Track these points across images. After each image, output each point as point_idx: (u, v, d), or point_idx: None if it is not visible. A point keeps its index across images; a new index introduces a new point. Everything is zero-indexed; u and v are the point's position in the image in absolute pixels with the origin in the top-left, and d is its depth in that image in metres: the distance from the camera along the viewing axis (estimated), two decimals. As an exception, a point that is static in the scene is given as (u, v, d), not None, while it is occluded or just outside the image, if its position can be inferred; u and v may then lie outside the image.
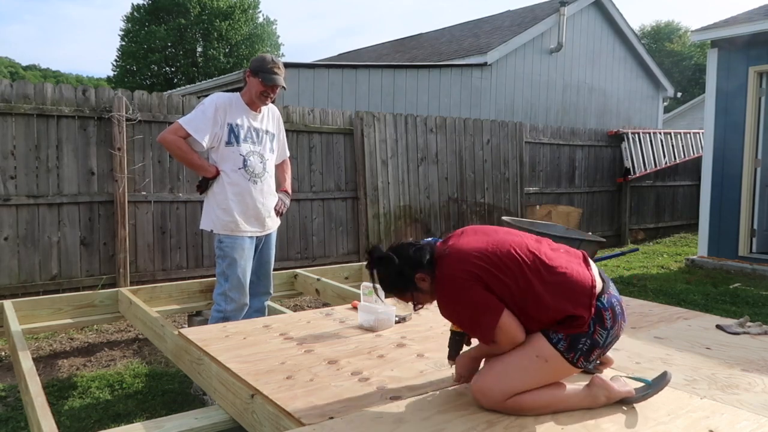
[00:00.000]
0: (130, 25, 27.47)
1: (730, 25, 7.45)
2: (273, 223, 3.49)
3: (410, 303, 2.03)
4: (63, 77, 51.71)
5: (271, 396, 1.98)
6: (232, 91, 8.79)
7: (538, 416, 1.83)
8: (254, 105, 3.33)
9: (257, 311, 3.54)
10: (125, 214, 5.37)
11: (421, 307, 2.04)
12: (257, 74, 3.23)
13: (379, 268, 1.99)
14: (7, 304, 3.65)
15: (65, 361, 3.99)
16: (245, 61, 27.17)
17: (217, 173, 3.25)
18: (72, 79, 49.31)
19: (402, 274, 1.95)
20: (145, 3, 27.36)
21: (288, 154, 3.71)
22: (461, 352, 2.08)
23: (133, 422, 2.86)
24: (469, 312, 1.87)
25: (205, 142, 3.18)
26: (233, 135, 3.24)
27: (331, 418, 1.82)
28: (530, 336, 1.89)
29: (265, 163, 3.37)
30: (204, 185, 3.30)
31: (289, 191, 3.69)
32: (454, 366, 2.08)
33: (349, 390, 2.04)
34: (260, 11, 30.17)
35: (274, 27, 30.65)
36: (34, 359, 2.87)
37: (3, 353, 4.08)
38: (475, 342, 2.03)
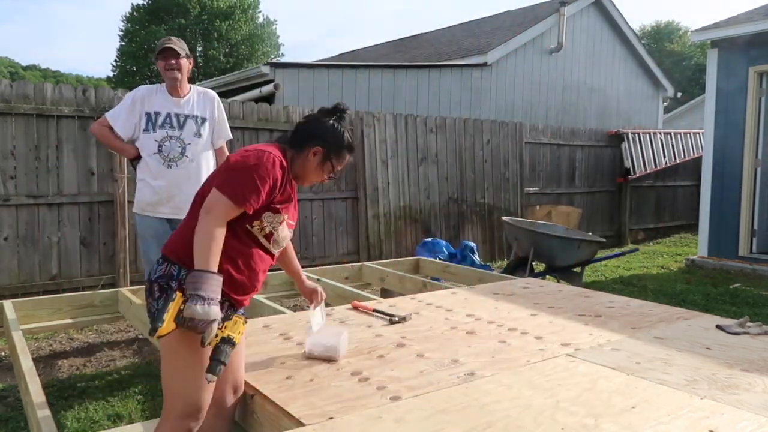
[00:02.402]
0: (129, 25, 27.47)
1: (730, 25, 7.45)
2: None
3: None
4: (63, 77, 51.69)
5: (271, 396, 1.97)
6: (233, 91, 8.73)
7: (536, 418, 1.82)
8: (174, 90, 3.45)
9: None
10: (125, 214, 5.36)
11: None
12: (156, 58, 3.42)
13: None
14: (7, 304, 3.65)
15: (65, 361, 3.99)
16: (245, 61, 27.18)
17: (138, 156, 3.48)
18: (72, 79, 49.28)
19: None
20: (144, 3, 27.37)
21: (230, 136, 3.73)
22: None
23: (133, 422, 2.87)
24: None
25: (120, 132, 3.43)
26: (150, 122, 3.41)
27: (331, 418, 1.82)
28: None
29: (186, 147, 3.45)
30: (134, 170, 3.58)
31: None
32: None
33: (349, 390, 2.04)
34: (260, 11, 30.17)
35: (274, 27, 30.66)
36: (34, 359, 2.87)
37: (3, 353, 4.08)
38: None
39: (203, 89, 3.62)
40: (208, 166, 3.58)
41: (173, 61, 3.37)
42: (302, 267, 2.67)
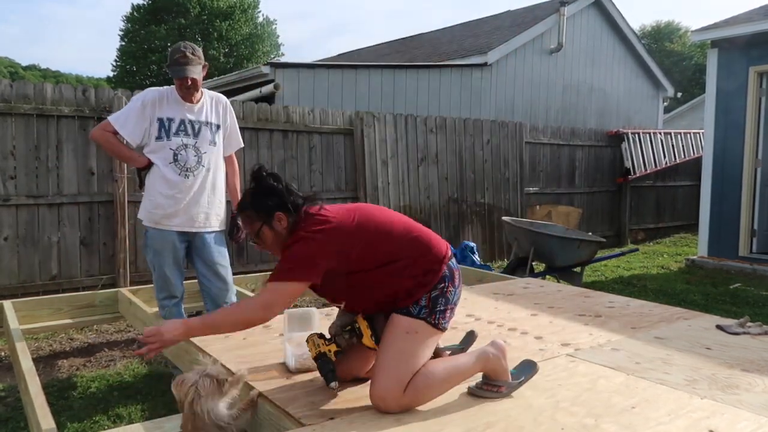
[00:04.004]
0: (129, 25, 27.45)
1: (730, 25, 7.45)
2: (208, 222, 3.33)
3: (248, 234, 2.10)
4: (63, 77, 51.64)
5: (271, 396, 1.98)
6: (233, 91, 8.70)
7: (536, 418, 1.82)
8: (186, 97, 3.22)
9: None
10: (125, 214, 5.36)
11: (258, 246, 2.10)
12: (169, 68, 3.14)
13: (259, 184, 2.03)
14: (7, 304, 3.65)
15: (65, 361, 3.99)
16: (245, 61, 27.17)
17: (149, 164, 3.22)
18: (72, 79, 49.24)
19: (270, 198, 2.00)
20: (144, 3, 27.36)
21: (241, 144, 3.54)
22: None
23: (133, 422, 2.87)
24: (288, 255, 1.94)
25: (128, 138, 3.18)
26: (163, 129, 3.18)
27: (332, 418, 1.82)
28: (390, 321, 1.96)
29: (201, 156, 3.24)
30: (140, 180, 3.30)
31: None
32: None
33: (349, 390, 2.04)
34: (260, 11, 30.15)
35: (274, 27, 30.65)
36: (33, 359, 2.87)
37: (3, 353, 4.08)
38: None
39: (215, 94, 3.41)
40: (222, 176, 3.41)
41: (189, 83, 3.14)
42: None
